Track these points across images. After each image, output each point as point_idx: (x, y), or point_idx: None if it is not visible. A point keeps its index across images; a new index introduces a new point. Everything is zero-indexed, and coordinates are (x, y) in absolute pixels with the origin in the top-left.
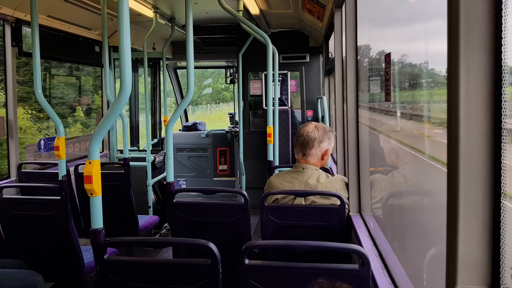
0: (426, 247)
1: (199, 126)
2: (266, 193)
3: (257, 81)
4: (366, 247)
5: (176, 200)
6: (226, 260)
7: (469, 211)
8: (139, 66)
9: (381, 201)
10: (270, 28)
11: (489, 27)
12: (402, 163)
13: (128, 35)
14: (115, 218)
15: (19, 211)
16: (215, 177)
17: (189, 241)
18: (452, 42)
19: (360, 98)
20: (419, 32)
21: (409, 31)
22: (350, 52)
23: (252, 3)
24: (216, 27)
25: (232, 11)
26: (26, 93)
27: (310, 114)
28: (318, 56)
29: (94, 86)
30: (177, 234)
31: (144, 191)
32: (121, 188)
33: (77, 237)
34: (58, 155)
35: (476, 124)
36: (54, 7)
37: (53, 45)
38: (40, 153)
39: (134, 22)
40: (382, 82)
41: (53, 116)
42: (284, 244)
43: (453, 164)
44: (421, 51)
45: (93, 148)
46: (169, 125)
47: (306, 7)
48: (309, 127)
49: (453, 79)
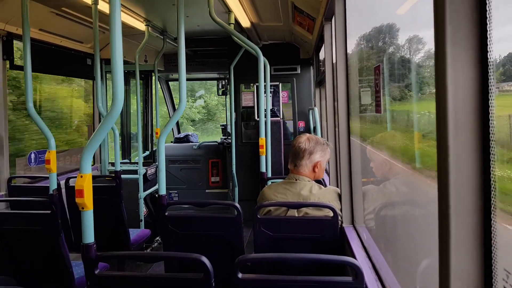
0: (419, 258)
1: (191, 138)
2: (258, 205)
3: (249, 92)
4: (360, 259)
5: (168, 213)
6: (219, 273)
7: (460, 221)
8: (131, 78)
9: (374, 212)
10: (261, 40)
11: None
12: (394, 175)
13: (120, 48)
14: (106, 232)
15: (8, 226)
16: (208, 189)
17: (181, 255)
18: (438, 44)
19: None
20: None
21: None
22: (340, 63)
23: (243, 16)
24: (207, 39)
25: (224, 24)
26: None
27: (302, 125)
28: (309, 67)
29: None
30: (169, 247)
31: (135, 204)
32: (112, 201)
33: (67, 252)
34: (49, 169)
35: (465, 135)
36: (45, 20)
37: (45, 58)
38: (31, 166)
39: (126, 35)
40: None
41: (44, 129)
42: (277, 257)
43: (443, 175)
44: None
45: (85, 161)
46: (161, 138)
47: (297, 20)
48: (301, 138)
49: (440, 81)
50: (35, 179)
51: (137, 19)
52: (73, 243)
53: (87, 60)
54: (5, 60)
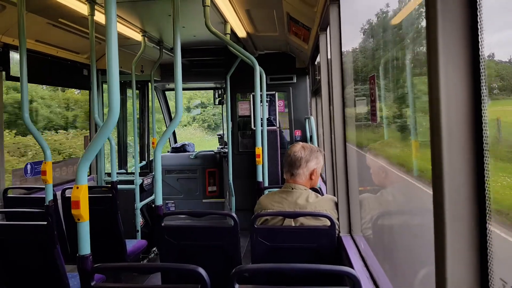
0: (416, 267)
1: (188, 147)
2: (255, 215)
3: (245, 102)
4: (357, 268)
5: (164, 224)
6: (216, 284)
7: (455, 229)
8: (128, 88)
9: (371, 221)
10: (257, 50)
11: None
12: (390, 183)
13: (116, 58)
14: (102, 243)
15: (4, 237)
16: (204, 199)
17: (178, 266)
18: (431, 44)
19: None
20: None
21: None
22: (335, 72)
23: (239, 26)
24: (204, 49)
25: (220, 35)
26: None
27: (298, 134)
28: (305, 77)
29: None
30: (166, 258)
31: (132, 215)
32: (108, 212)
33: (63, 263)
34: (45, 180)
35: (458, 140)
36: (42, 32)
37: (41, 69)
38: (26, 177)
39: (122, 46)
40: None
41: (40, 140)
42: (274, 267)
43: (438, 185)
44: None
45: (81, 172)
46: (158, 148)
47: (292, 30)
48: (296, 147)
49: (433, 81)
50: (31, 190)
51: (134, 30)
52: (69, 254)
53: (83, 71)
54: (1, 71)
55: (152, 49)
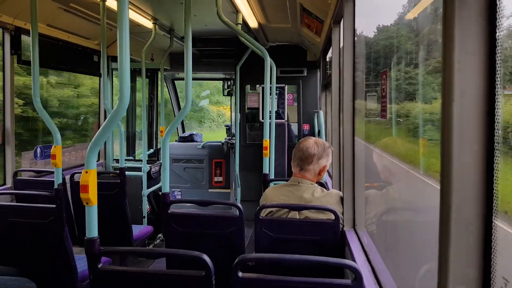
0: (419, 263)
1: (196, 137)
2: (260, 206)
3: (255, 94)
4: (359, 262)
5: (171, 211)
6: (219, 272)
7: (461, 228)
8: (137, 76)
9: (375, 216)
10: (268, 41)
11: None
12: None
13: (127, 45)
14: (110, 227)
15: (14, 218)
16: (210, 189)
17: (183, 252)
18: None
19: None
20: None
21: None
22: (347, 67)
23: (251, 16)
24: (214, 39)
25: (231, 25)
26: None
27: (306, 128)
28: (315, 70)
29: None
30: (171, 244)
31: (139, 201)
32: (116, 197)
33: (71, 246)
34: (54, 164)
35: (470, 136)
36: (54, 16)
37: (52, 53)
38: (36, 160)
39: (133, 33)
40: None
41: (50, 124)
42: (276, 258)
43: (446, 182)
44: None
45: (90, 157)
46: (166, 136)
47: (305, 22)
48: (309, 143)
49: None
50: (40, 173)
51: (145, 17)
52: (76, 237)
53: (93, 57)
54: (13, 55)
55: (162, 37)
